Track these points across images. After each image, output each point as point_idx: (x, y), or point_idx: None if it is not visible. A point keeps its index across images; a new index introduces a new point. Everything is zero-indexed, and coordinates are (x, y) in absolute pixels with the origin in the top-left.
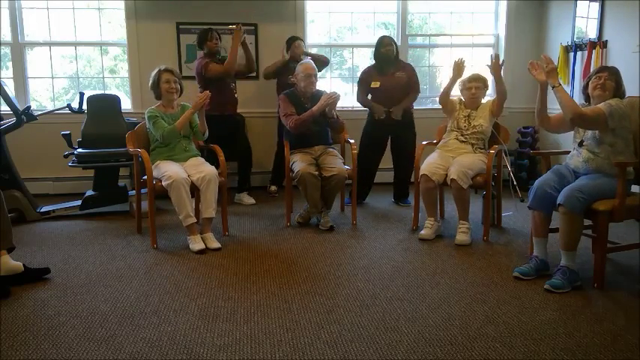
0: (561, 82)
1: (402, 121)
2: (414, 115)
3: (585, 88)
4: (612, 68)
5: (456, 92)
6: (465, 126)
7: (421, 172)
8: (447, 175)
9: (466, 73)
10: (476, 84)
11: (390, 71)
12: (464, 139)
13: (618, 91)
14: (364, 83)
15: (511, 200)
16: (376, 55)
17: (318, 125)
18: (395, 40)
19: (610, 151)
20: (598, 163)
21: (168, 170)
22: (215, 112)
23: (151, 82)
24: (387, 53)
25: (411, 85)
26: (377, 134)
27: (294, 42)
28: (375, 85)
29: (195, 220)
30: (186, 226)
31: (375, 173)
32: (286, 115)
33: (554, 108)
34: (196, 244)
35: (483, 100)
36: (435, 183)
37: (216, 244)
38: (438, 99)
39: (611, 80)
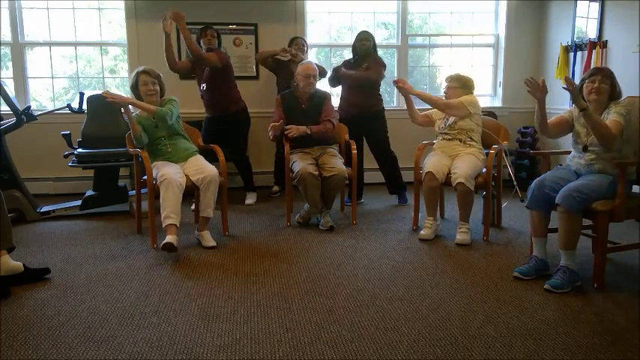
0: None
1: (369, 117)
2: (397, 114)
3: (580, 90)
4: (605, 70)
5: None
6: (444, 126)
7: (426, 170)
8: (448, 174)
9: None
10: (449, 84)
11: (362, 64)
12: (449, 137)
13: (613, 92)
14: (335, 71)
15: (511, 200)
16: (352, 50)
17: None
18: (373, 36)
19: (617, 156)
20: (603, 164)
21: (163, 169)
22: (222, 112)
23: (130, 83)
24: (359, 47)
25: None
26: (351, 134)
27: (295, 40)
28: (345, 72)
29: (173, 223)
30: (164, 226)
31: (362, 173)
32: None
33: (554, 108)
34: (165, 240)
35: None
36: (439, 181)
37: (211, 243)
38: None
39: (605, 83)
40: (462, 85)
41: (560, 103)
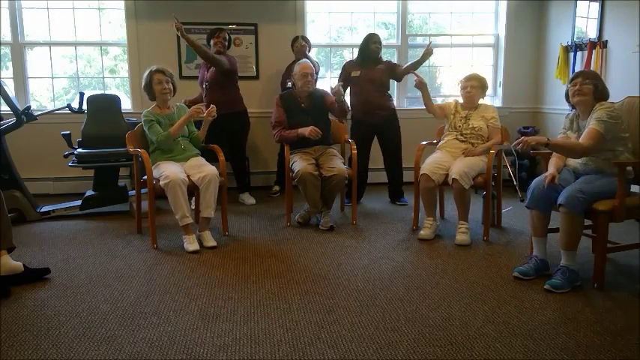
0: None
1: (384, 119)
2: (399, 114)
3: (567, 96)
4: (586, 72)
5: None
6: (461, 126)
7: (421, 172)
8: (447, 174)
9: (465, 73)
10: (471, 83)
11: (372, 66)
12: (463, 139)
13: (596, 91)
14: (345, 72)
15: (511, 200)
16: (363, 50)
17: (318, 126)
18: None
19: (611, 156)
20: (598, 164)
21: (166, 170)
22: (227, 110)
23: (143, 83)
24: (374, 50)
25: (392, 69)
26: (362, 134)
27: (296, 42)
28: (356, 73)
29: (191, 221)
30: (182, 226)
31: (366, 173)
32: (274, 124)
33: (554, 108)
34: (191, 244)
35: (483, 101)
36: (435, 183)
37: (212, 243)
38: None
39: (587, 84)
40: (481, 85)
41: (560, 104)
